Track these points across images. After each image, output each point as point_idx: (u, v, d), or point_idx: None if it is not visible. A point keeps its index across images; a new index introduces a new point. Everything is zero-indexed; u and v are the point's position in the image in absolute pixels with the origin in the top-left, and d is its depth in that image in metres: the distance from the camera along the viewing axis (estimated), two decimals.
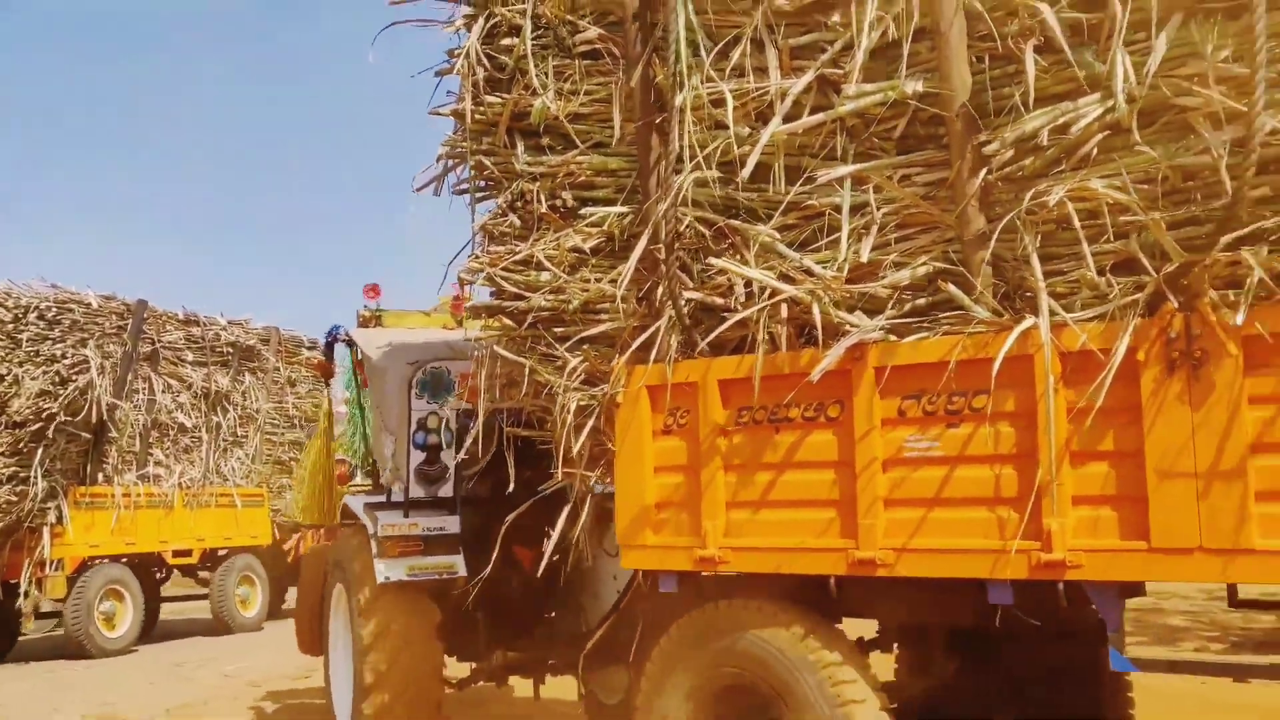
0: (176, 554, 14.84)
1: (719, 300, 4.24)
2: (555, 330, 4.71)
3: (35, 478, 12.87)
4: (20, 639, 14.25)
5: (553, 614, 7.16)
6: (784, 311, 4.02)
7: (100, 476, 13.87)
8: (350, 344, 8.21)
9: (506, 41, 4.90)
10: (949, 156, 3.81)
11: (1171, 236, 3.36)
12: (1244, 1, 3.19)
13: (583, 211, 4.68)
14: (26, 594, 13.11)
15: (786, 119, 4.10)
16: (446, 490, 6.95)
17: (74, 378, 13.24)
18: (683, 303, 4.26)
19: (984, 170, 3.70)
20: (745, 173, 4.06)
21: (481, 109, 4.93)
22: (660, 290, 4.33)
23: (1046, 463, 3.44)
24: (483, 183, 5.13)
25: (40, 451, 12.95)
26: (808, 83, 4.08)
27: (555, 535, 4.98)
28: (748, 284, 4.13)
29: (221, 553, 15.52)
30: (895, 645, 5.22)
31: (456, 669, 7.21)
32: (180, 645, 14.54)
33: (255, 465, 16.10)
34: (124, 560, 14.07)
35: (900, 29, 3.82)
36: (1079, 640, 4.31)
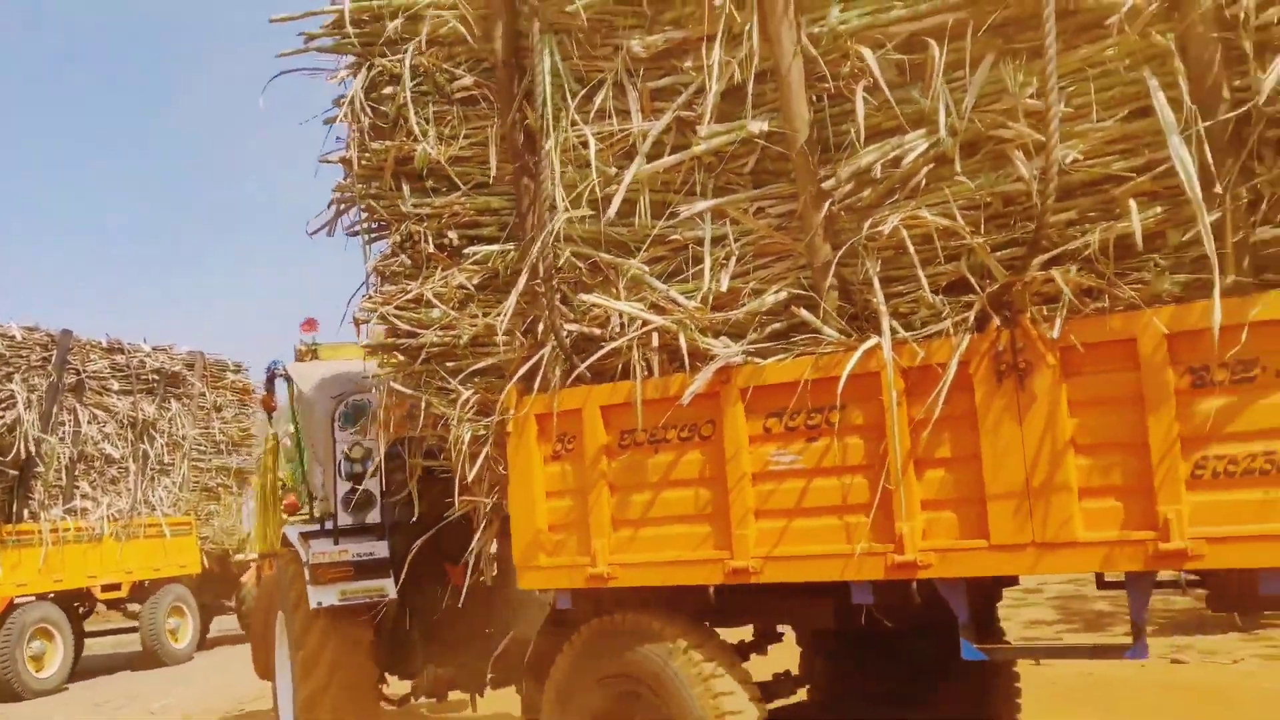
0: (105, 588, 14.68)
1: (598, 331, 4.50)
2: (448, 364, 4.94)
3: None
4: None
5: (489, 630, 7.43)
6: (655, 340, 4.28)
7: (26, 513, 13.73)
8: (287, 379, 8.42)
9: (388, 90, 5.09)
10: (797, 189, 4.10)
11: (995, 258, 3.69)
12: (1042, 45, 3.50)
13: (467, 250, 4.91)
14: None
15: (649, 158, 4.37)
16: (374, 516, 7.20)
17: (1, 414, 13.11)
18: (564, 334, 4.51)
19: (828, 202, 3.99)
20: (611, 211, 4.33)
21: (367, 155, 5.14)
22: (542, 323, 4.58)
23: (895, 470, 3.75)
24: (374, 225, 5.33)
25: None
26: (667, 124, 4.34)
27: (471, 555, 5.20)
28: (621, 314, 4.39)
29: (146, 584, 15.29)
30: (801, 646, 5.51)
31: (401, 687, 7.44)
32: (104, 682, 14.30)
33: (183, 493, 16.01)
34: (51, 598, 13.94)
35: (744, 72, 4.10)
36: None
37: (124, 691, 13.27)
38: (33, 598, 13.62)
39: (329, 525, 7.19)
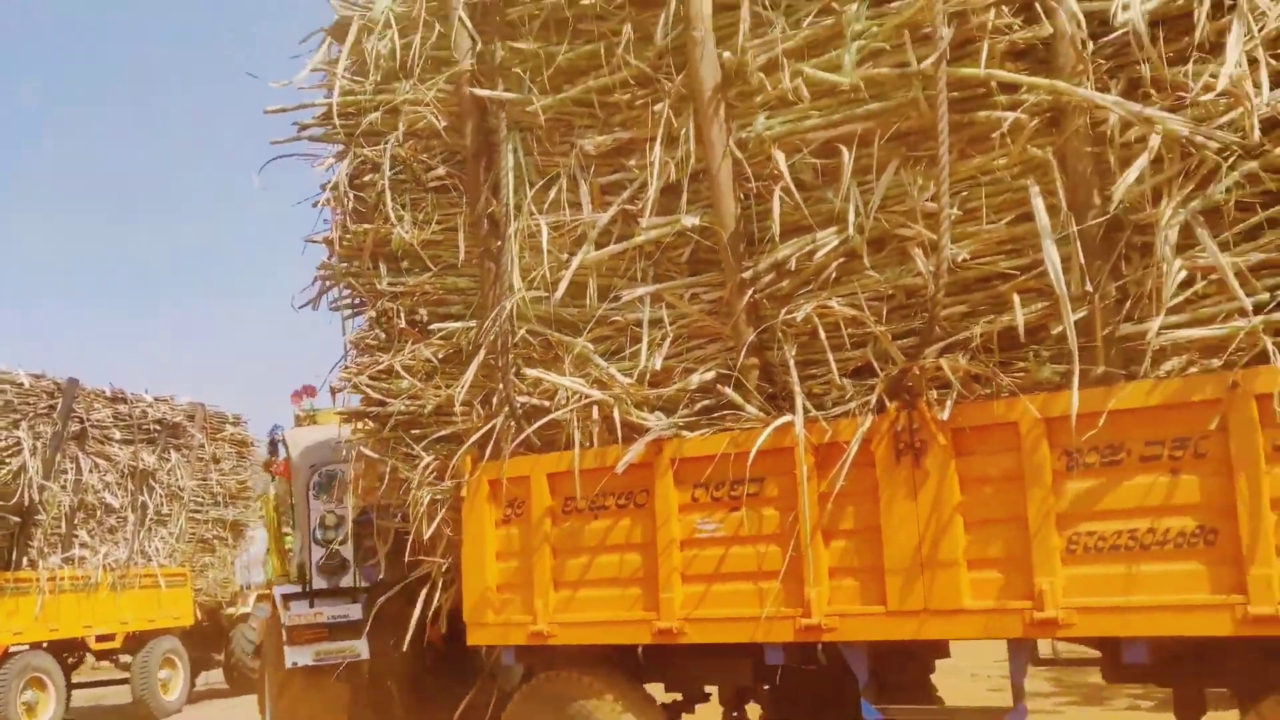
0: (100, 639, 14.70)
1: (547, 403, 4.87)
2: (413, 432, 5.31)
3: None
4: None
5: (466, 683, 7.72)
6: (595, 413, 4.65)
7: (25, 561, 13.88)
8: (284, 444, 8.81)
9: (370, 178, 5.53)
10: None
11: (897, 345, 4.07)
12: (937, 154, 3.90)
13: (434, 326, 5.30)
14: None
15: (597, 246, 4.78)
16: (349, 580, 7.55)
17: (7, 460, 13.33)
18: (517, 406, 4.88)
19: (750, 290, 4.38)
20: (559, 294, 4.74)
21: (349, 237, 5.56)
22: (496, 395, 4.95)
23: (805, 539, 4.09)
24: (354, 301, 5.76)
25: None
26: (613, 215, 4.75)
27: (417, 613, 5.42)
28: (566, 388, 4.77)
29: (138, 635, 15.15)
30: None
31: None
32: None
33: (179, 544, 16.12)
34: (46, 647, 14.02)
35: (681, 171, 4.52)
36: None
37: None
38: (27, 646, 13.71)
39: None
